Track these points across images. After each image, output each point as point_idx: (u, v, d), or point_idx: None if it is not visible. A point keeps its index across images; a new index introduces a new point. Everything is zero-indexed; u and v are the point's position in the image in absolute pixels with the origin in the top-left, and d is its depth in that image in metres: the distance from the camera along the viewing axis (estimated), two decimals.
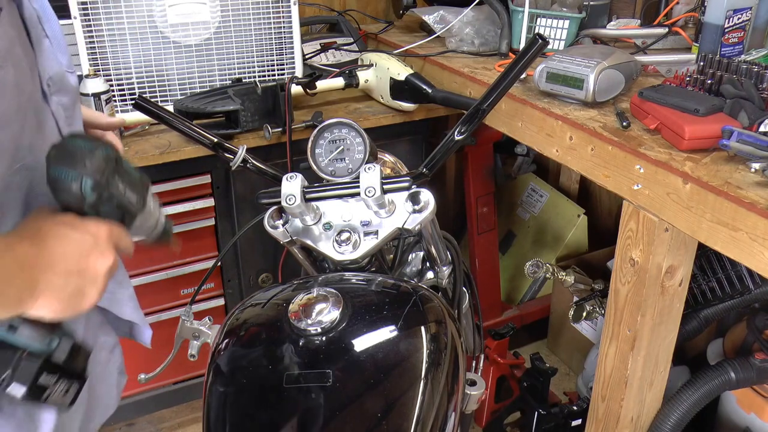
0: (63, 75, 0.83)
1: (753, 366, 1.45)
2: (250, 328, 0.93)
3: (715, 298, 1.54)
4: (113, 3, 1.56)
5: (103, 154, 0.69)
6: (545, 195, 2.50)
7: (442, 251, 1.13)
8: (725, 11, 1.50)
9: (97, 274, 0.71)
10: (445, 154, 1.10)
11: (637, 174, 1.23)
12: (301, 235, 1.01)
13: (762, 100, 1.24)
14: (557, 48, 1.77)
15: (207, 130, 1.18)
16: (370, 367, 0.84)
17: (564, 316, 2.07)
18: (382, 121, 1.79)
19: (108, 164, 0.70)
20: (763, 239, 1.01)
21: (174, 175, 1.65)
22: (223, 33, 1.69)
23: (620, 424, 1.43)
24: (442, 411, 0.86)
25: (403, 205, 0.99)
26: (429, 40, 1.97)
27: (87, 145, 0.69)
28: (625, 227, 1.29)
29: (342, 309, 0.86)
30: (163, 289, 1.79)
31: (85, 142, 0.70)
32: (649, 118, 1.28)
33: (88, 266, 0.70)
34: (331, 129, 1.05)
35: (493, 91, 1.07)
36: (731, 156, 1.15)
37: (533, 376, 1.88)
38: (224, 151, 1.16)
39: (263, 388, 0.84)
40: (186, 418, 2.06)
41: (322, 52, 2.02)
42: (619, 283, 1.34)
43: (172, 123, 1.16)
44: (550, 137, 1.44)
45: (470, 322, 1.31)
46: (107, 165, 0.70)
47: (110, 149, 0.71)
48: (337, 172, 1.04)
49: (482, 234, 2.21)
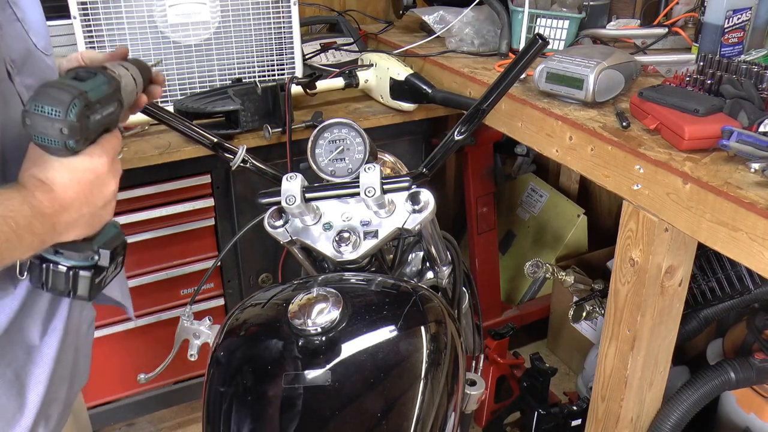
0: (29, 57, 0.85)
1: (753, 366, 1.45)
2: (250, 328, 0.93)
3: (714, 298, 1.54)
4: (113, 3, 1.56)
5: (68, 100, 0.70)
6: (545, 195, 2.50)
7: (442, 251, 1.13)
8: (725, 11, 1.50)
9: (105, 200, 0.79)
10: (445, 154, 1.10)
11: (636, 174, 1.23)
12: (301, 235, 1.01)
13: (762, 100, 1.24)
14: (557, 48, 1.77)
15: (207, 130, 1.18)
16: (369, 367, 0.84)
17: (564, 316, 2.07)
18: (382, 121, 1.79)
19: (80, 106, 0.71)
20: (762, 239, 1.01)
21: (174, 175, 1.65)
22: (223, 33, 1.69)
23: (620, 424, 1.43)
24: (441, 411, 0.86)
25: (403, 205, 0.99)
26: (429, 40, 1.97)
27: (55, 99, 0.70)
28: (624, 227, 1.29)
29: (342, 309, 0.86)
30: (163, 289, 1.79)
31: (55, 92, 0.71)
32: (648, 118, 1.28)
33: (96, 198, 0.78)
34: (331, 129, 1.05)
35: (493, 91, 1.07)
36: (731, 156, 1.15)
37: (533, 376, 1.88)
38: (224, 151, 1.16)
39: (263, 388, 0.84)
40: (186, 418, 2.06)
41: (322, 52, 2.02)
42: (618, 283, 1.34)
43: (172, 123, 1.17)
44: (549, 137, 1.44)
45: (470, 322, 1.31)
46: (80, 107, 0.71)
47: (79, 100, 0.71)
48: (337, 172, 1.04)
49: (482, 234, 2.21)
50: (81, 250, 0.81)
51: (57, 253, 0.79)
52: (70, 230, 0.77)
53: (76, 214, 0.76)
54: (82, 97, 0.71)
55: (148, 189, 1.63)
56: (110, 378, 1.86)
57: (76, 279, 0.81)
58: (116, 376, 1.86)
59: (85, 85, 0.73)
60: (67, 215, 0.75)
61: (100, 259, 0.82)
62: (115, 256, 0.85)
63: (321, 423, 0.81)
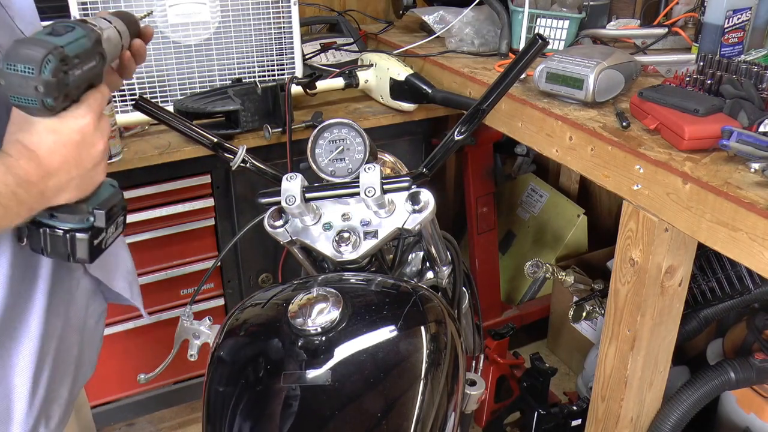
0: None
1: (753, 366, 1.45)
2: (250, 328, 0.93)
3: (714, 298, 1.54)
4: (113, 3, 1.56)
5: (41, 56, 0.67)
6: (545, 195, 2.50)
7: (442, 251, 1.13)
8: (725, 11, 1.50)
9: (94, 161, 0.77)
10: (445, 154, 1.10)
11: (636, 174, 1.23)
12: (300, 235, 1.01)
13: (762, 100, 1.24)
14: (557, 48, 1.77)
15: (207, 130, 1.18)
16: (369, 367, 0.84)
17: (564, 316, 2.07)
18: (382, 121, 1.79)
19: (54, 62, 0.67)
20: (762, 239, 1.01)
21: (174, 175, 1.65)
22: (223, 33, 1.69)
23: (620, 424, 1.43)
24: (441, 411, 0.86)
25: (402, 205, 0.99)
26: (429, 40, 1.97)
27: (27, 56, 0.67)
28: (624, 227, 1.29)
29: (342, 309, 0.86)
30: (163, 289, 1.79)
31: (27, 48, 0.67)
32: (648, 118, 1.28)
33: (84, 160, 0.76)
34: (331, 129, 1.05)
35: (493, 92, 1.07)
36: (731, 156, 1.15)
37: (533, 376, 1.88)
38: (224, 151, 1.16)
39: (263, 388, 0.84)
40: (186, 418, 2.06)
41: (322, 52, 2.02)
42: (618, 283, 1.34)
43: (172, 123, 1.17)
44: (549, 137, 1.44)
45: (470, 322, 1.31)
46: (55, 63, 0.68)
47: (53, 55, 0.68)
48: (337, 172, 1.04)
49: (482, 234, 2.21)
50: (76, 212, 0.79)
51: (52, 217, 0.78)
52: (61, 194, 0.75)
53: (65, 178, 0.74)
54: (56, 52, 0.68)
55: (148, 189, 1.63)
56: (110, 378, 1.86)
57: (74, 242, 0.80)
58: (116, 376, 1.86)
59: (61, 39, 0.70)
60: (55, 179, 0.73)
61: (96, 220, 0.81)
62: (113, 216, 0.83)
63: (321, 423, 0.81)
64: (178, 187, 1.67)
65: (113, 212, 0.84)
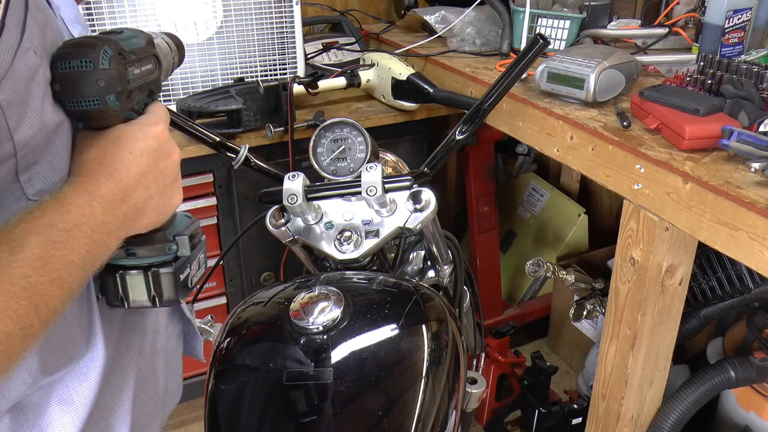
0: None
1: (753, 365, 1.46)
2: (252, 326, 0.94)
3: (715, 297, 1.54)
4: (116, 2, 1.57)
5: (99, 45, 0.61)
6: (546, 194, 2.51)
7: (443, 250, 1.13)
8: (725, 11, 1.51)
9: (173, 173, 0.69)
10: (446, 153, 1.10)
11: (637, 173, 1.23)
12: (302, 234, 1.01)
13: (762, 100, 1.24)
14: (558, 48, 1.78)
15: (209, 129, 1.18)
16: (371, 366, 0.84)
17: (564, 314, 2.08)
18: (383, 120, 1.79)
19: (112, 52, 0.61)
20: (762, 238, 1.01)
21: None
22: (225, 32, 1.70)
23: (620, 423, 1.44)
24: (443, 409, 0.86)
25: (404, 204, 0.99)
26: (430, 40, 1.97)
27: (83, 49, 0.60)
28: (625, 226, 1.29)
29: (343, 307, 0.86)
30: None
31: (80, 44, 0.61)
32: (649, 117, 1.28)
33: (162, 171, 0.67)
34: (333, 128, 1.05)
35: (494, 91, 1.07)
36: (731, 156, 1.15)
37: (534, 375, 1.88)
38: (226, 151, 1.17)
39: (265, 387, 0.84)
40: (188, 417, 2.07)
41: (324, 51, 2.02)
42: (619, 282, 1.34)
43: (174, 122, 1.17)
44: (550, 137, 1.44)
45: (471, 320, 1.32)
46: (113, 54, 0.61)
47: (110, 46, 0.61)
48: (339, 171, 1.05)
49: (483, 233, 2.21)
50: (155, 242, 0.69)
51: (129, 255, 0.68)
52: (140, 218, 0.65)
53: (143, 195, 0.64)
54: (111, 43, 0.61)
55: None
56: None
57: (158, 280, 0.69)
58: None
59: (112, 36, 0.63)
60: (134, 198, 0.63)
61: (179, 248, 0.71)
62: (195, 246, 0.74)
63: (322, 421, 0.81)
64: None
65: (195, 242, 0.74)
